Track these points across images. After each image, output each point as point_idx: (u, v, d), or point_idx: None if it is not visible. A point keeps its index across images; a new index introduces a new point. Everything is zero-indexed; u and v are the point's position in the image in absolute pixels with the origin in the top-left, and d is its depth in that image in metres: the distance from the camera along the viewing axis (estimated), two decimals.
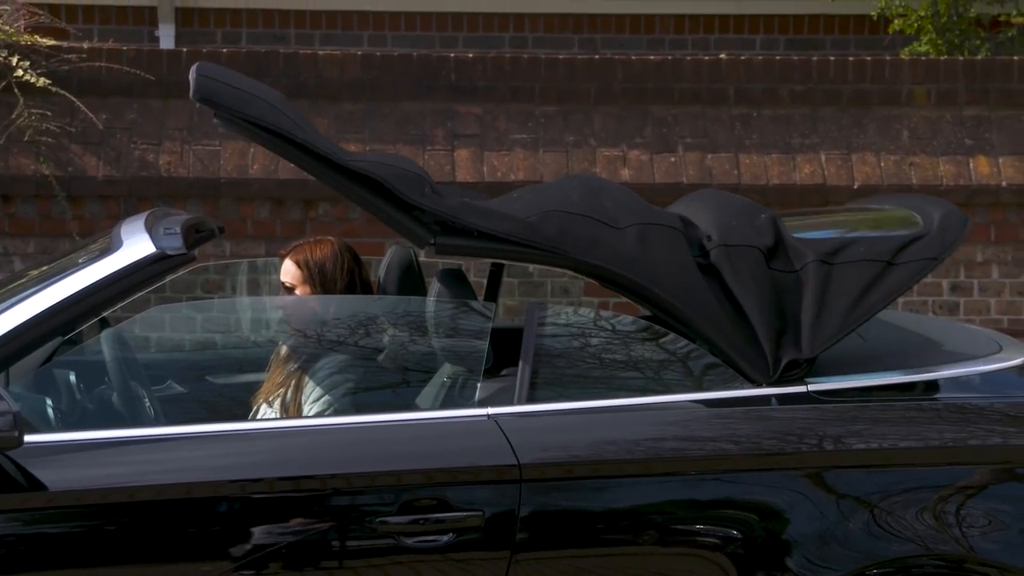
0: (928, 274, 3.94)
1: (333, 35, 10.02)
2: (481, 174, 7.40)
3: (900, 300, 7.22)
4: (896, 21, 9.49)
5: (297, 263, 4.23)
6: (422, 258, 4.43)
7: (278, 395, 4.10)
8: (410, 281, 4.32)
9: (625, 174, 7.40)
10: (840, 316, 3.77)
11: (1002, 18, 9.47)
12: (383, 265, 4.37)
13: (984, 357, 4.01)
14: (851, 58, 7.77)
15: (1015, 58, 7.79)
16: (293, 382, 4.08)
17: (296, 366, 4.12)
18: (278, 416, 4.06)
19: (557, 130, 7.53)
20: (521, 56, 7.82)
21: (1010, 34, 9.39)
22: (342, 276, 4.21)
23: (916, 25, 9.48)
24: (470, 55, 7.81)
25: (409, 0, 10.04)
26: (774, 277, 3.85)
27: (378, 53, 7.83)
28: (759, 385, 3.75)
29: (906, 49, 9.29)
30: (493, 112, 7.55)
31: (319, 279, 4.20)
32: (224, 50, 7.77)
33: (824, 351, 3.76)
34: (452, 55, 7.77)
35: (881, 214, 4.46)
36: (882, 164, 7.46)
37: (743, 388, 3.76)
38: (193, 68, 3.81)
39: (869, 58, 7.76)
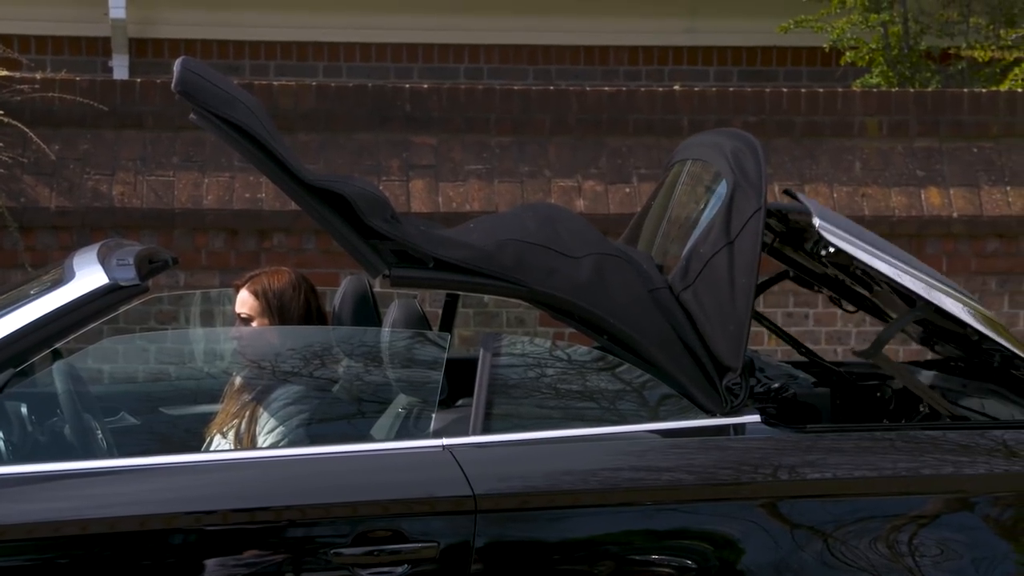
0: (762, 225, 3.87)
1: (288, 65, 10.02)
2: (436, 204, 7.40)
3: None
4: (848, 53, 9.58)
5: (255, 293, 4.21)
6: (377, 288, 4.43)
7: (232, 426, 4.08)
8: (365, 312, 4.31)
9: (580, 204, 7.41)
10: (733, 318, 3.76)
11: (952, 51, 9.57)
12: (338, 295, 4.37)
13: None
14: (804, 90, 7.82)
15: (965, 90, 7.87)
16: (247, 413, 4.07)
17: (250, 397, 4.10)
18: (232, 447, 4.04)
19: (512, 161, 7.54)
20: (476, 87, 7.83)
21: (960, 67, 9.49)
22: (299, 306, 4.20)
23: (868, 57, 9.57)
24: (425, 86, 7.82)
25: (364, 31, 10.05)
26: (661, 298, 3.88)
27: (333, 84, 7.84)
28: (714, 415, 3.76)
29: (858, 81, 9.37)
30: (448, 143, 7.56)
31: (277, 309, 4.18)
32: None
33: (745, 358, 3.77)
34: (407, 86, 7.78)
35: (683, 190, 4.45)
36: (835, 195, 7.51)
37: (698, 418, 3.77)
38: (178, 61, 3.77)
39: (821, 90, 7.81)
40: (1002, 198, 7.58)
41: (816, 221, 3.92)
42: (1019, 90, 8.10)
